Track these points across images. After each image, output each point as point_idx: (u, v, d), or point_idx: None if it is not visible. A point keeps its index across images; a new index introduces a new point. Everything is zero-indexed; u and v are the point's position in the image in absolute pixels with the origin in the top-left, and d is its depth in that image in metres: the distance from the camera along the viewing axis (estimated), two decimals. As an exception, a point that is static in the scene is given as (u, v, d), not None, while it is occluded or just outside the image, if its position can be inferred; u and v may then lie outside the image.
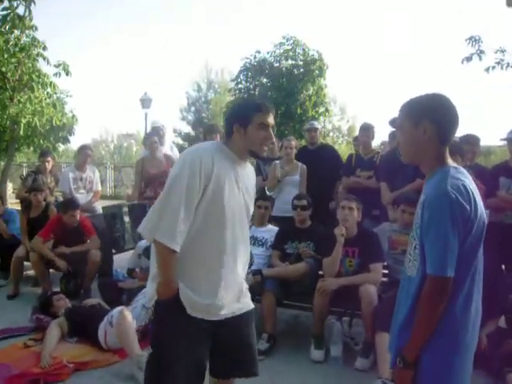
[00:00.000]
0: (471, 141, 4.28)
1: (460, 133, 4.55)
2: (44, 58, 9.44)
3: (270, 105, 2.19)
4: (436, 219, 1.57)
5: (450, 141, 1.70)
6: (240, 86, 16.38)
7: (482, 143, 4.63)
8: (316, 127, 5.94)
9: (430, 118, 1.65)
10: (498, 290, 4.14)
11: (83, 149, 5.90)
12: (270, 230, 4.38)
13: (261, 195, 4.78)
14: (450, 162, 1.70)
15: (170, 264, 2.02)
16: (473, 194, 1.60)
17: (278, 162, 5.34)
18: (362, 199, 3.98)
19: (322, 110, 15.56)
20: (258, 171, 5.78)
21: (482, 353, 3.23)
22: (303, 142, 15.94)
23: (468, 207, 1.57)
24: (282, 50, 15.87)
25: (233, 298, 2.17)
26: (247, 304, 2.27)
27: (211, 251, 2.09)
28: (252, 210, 2.30)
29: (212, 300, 2.08)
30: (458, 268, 1.57)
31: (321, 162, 5.39)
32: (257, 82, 16.26)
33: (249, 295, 2.32)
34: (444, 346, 1.62)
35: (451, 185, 1.58)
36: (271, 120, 2.15)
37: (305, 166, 5.30)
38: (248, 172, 2.26)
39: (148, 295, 2.30)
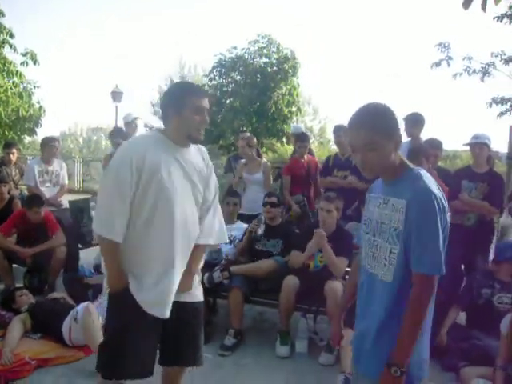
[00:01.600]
0: (434, 144, 4.41)
1: (426, 137, 4.69)
2: (10, 46, 9.18)
3: (203, 88, 2.19)
4: (428, 220, 1.59)
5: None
6: (213, 82, 16.31)
7: (449, 147, 4.78)
8: (302, 131, 6.36)
9: (398, 130, 1.70)
10: (457, 289, 4.29)
11: (50, 141, 5.74)
12: (239, 228, 4.40)
13: (229, 191, 4.80)
14: (410, 164, 1.74)
15: (112, 256, 2.11)
16: (442, 193, 1.66)
17: (242, 160, 5.39)
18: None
19: (294, 109, 15.65)
20: (230, 168, 5.81)
21: (439, 347, 3.36)
22: (273, 141, 16.08)
23: (445, 208, 1.63)
24: (256, 48, 15.88)
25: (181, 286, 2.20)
26: (196, 296, 2.31)
27: (159, 242, 2.09)
28: (202, 192, 2.25)
29: (159, 297, 2.10)
30: None
31: None
32: (230, 79, 16.22)
33: (200, 288, 2.36)
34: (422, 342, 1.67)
35: (431, 185, 1.62)
36: (206, 104, 2.14)
37: (268, 163, 5.42)
38: (193, 156, 2.21)
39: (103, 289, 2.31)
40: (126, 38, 68.07)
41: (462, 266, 4.43)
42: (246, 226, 4.40)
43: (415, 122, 4.72)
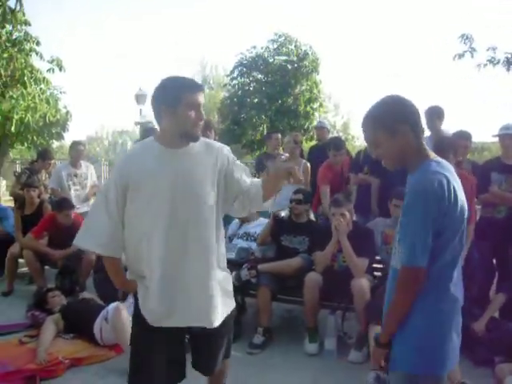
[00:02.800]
0: (464, 136, 4.31)
1: (455, 129, 4.60)
2: (37, 54, 9.40)
3: (198, 82, 2.06)
4: (411, 210, 1.62)
5: (422, 133, 1.74)
6: (235, 81, 16.38)
7: (476, 140, 4.67)
8: (325, 126, 6.25)
9: (402, 121, 1.67)
10: (490, 282, 4.20)
11: (75, 145, 5.88)
12: (262, 224, 4.41)
13: None
14: (432, 155, 1.73)
15: (114, 269, 2.12)
16: (453, 187, 1.63)
17: (282, 156, 5.38)
18: (367, 194, 4.24)
19: (316, 105, 15.58)
20: (262, 166, 5.83)
21: (472, 340, 3.29)
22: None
23: (446, 200, 1.59)
24: (275, 46, 15.89)
25: (195, 306, 2.04)
26: (220, 315, 2.11)
27: (156, 253, 1.99)
28: (208, 191, 2.04)
29: (161, 309, 2.02)
30: (433, 259, 1.61)
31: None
32: (251, 78, 16.26)
33: (230, 299, 2.20)
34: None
35: (430, 178, 1.61)
36: (202, 98, 1.99)
37: (308, 164, 5.32)
38: (195, 154, 2.04)
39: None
40: (133, 39, 68.68)
41: (494, 260, 4.34)
42: (267, 220, 4.41)
43: (435, 114, 4.64)
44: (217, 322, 2.08)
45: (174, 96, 1.93)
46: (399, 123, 1.67)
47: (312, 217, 4.76)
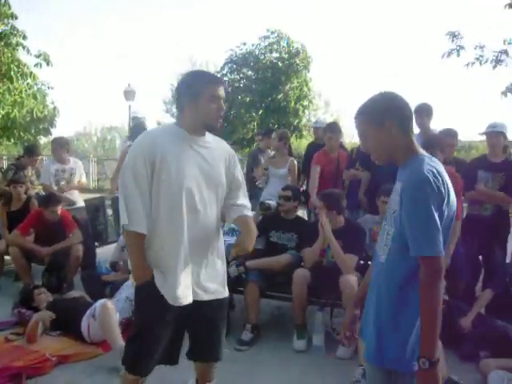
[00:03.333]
0: (450, 134, 4.34)
1: (441, 127, 4.63)
2: (24, 48, 9.29)
3: (218, 76, 2.17)
4: (421, 203, 1.58)
5: (411, 129, 1.76)
6: (225, 78, 16.32)
7: (464, 138, 4.71)
8: (317, 127, 6.06)
9: (389, 116, 1.71)
10: (476, 279, 4.24)
11: (52, 143, 5.88)
12: None
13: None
14: (421, 151, 1.75)
15: (137, 248, 2.12)
16: (446, 181, 1.64)
17: (270, 152, 5.42)
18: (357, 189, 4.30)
19: (306, 103, 15.60)
20: (256, 162, 5.85)
21: (458, 335, 3.33)
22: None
23: (443, 190, 1.61)
24: (266, 43, 15.86)
25: (204, 280, 2.19)
26: (222, 293, 2.30)
27: (171, 234, 2.10)
28: (223, 183, 2.22)
29: (177, 287, 2.10)
30: None
31: None
32: (242, 75, 16.23)
33: (224, 284, 2.34)
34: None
35: (427, 170, 1.62)
36: (222, 92, 2.12)
37: (295, 161, 5.34)
38: (212, 144, 2.20)
39: (130, 284, 2.34)
40: (128, 38, 68.29)
41: (480, 257, 4.39)
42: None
43: (423, 112, 4.66)
44: (208, 296, 2.21)
45: (197, 89, 2.07)
46: (386, 117, 1.71)
47: (301, 213, 4.76)
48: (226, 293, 2.34)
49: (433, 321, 1.55)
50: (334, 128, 5.02)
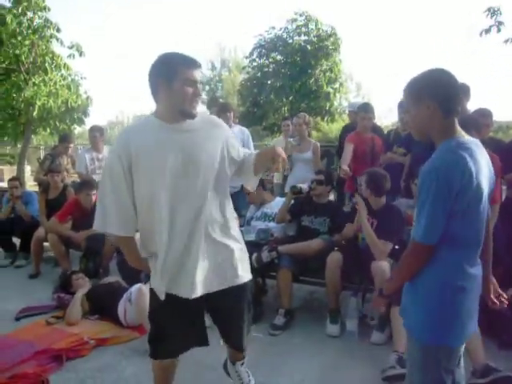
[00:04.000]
0: (484, 113, 4.16)
1: (477, 107, 4.46)
2: (57, 40, 9.46)
3: (195, 58, 1.99)
4: (423, 189, 1.64)
5: (454, 112, 1.71)
6: (254, 63, 16.23)
7: (502, 118, 4.53)
8: (352, 110, 5.90)
9: (428, 94, 1.69)
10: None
11: (91, 131, 5.99)
12: (278, 203, 4.40)
13: None
14: (460, 134, 1.71)
15: (128, 248, 2.15)
16: (470, 166, 1.61)
17: (291, 139, 5.35)
18: (396, 173, 4.11)
19: (336, 86, 15.35)
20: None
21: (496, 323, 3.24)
22: (318, 119, 15.85)
23: (458, 180, 1.59)
24: (294, 26, 15.64)
25: (203, 273, 2.06)
26: (239, 278, 2.17)
27: (157, 229, 2.01)
28: (214, 164, 2.05)
29: (168, 279, 2.05)
30: (448, 237, 1.65)
31: None
32: (271, 59, 16.09)
33: (245, 266, 2.21)
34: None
35: (444, 157, 1.63)
36: (199, 75, 1.97)
37: (318, 144, 5.29)
38: (196, 126, 2.03)
39: None
40: (158, 25, 68.38)
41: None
42: (283, 199, 4.40)
43: (461, 92, 4.49)
44: (217, 287, 2.12)
45: (171, 70, 1.92)
46: (426, 95, 1.70)
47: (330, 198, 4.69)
48: (242, 278, 2.18)
49: (397, 284, 1.86)
50: (366, 108, 4.90)
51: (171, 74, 1.91)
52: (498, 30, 7.32)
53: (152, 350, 2.24)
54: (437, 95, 1.68)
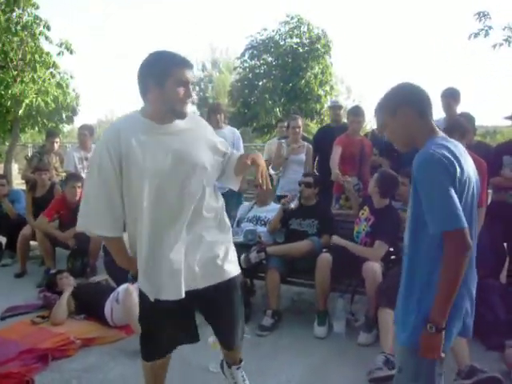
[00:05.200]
0: (467, 118, 4.20)
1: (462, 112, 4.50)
2: (47, 38, 9.38)
3: (187, 59, 1.96)
4: (429, 177, 1.60)
5: (429, 113, 1.76)
6: (245, 64, 16.23)
7: (489, 123, 4.58)
8: (340, 105, 5.93)
9: (402, 101, 1.76)
10: (500, 266, 4.16)
11: (80, 129, 5.97)
12: (273, 209, 4.39)
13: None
14: (440, 132, 1.76)
15: (114, 248, 2.12)
16: (459, 157, 1.64)
17: (283, 140, 5.35)
18: None
19: (327, 88, 15.42)
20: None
21: (483, 324, 3.27)
22: (308, 121, 15.89)
23: (453, 165, 1.59)
24: (287, 29, 15.68)
25: (190, 270, 2.04)
26: (226, 273, 2.13)
27: (145, 229, 1.97)
28: (205, 164, 2.04)
29: (159, 281, 2.01)
30: None
31: None
32: (262, 61, 16.11)
33: (232, 262, 2.18)
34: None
35: (434, 149, 1.63)
36: (191, 76, 1.95)
37: (311, 146, 5.31)
38: (184, 127, 2.02)
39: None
40: (146, 24, 68.26)
41: (505, 244, 4.30)
42: (278, 206, 4.39)
43: (450, 96, 4.54)
44: (203, 283, 2.09)
45: (163, 70, 1.88)
46: (399, 104, 1.75)
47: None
48: (230, 272, 2.15)
49: (450, 293, 1.58)
50: (357, 111, 4.94)
51: (163, 75, 1.88)
52: (486, 34, 7.40)
53: (144, 351, 2.22)
54: (410, 100, 1.75)
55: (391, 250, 3.82)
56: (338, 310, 3.64)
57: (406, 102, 1.75)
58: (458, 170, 1.61)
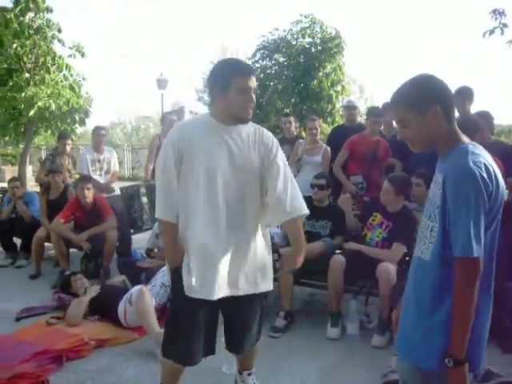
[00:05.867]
0: (485, 116, 4.14)
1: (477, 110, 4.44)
2: (59, 40, 9.46)
3: (249, 66, 2.14)
4: (462, 197, 1.48)
5: (454, 116, 1.63)
6: (257, 64, 16.22)
7: (504, 122, 4.51)
8: (355, 105, 5.89)
9: (435, 101, 1.57)
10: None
11: (96, 130, 5.94)
12: None
13: None
14: (465, 138, 1.63)
15: (168, 236, 2.18)
16: (493, 170, 1.54)
17: (301, 141, 5.33)
18: None
19: (339, 88, 15.33)
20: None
21: (500, 328, 3.22)
22: (320, 122, 15.84)
23: (490, 184, 1.50)
24: (298, 28, 15.62)
25: (234, 276, 2.14)
26: (258, 287, 2.24)
27: (198, 224, 2.09)
28: (256, 172, 2.16)
29: (202, 281, 2.08)
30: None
31: None
32: (273, 61, 16.07)
33: (267, 277, 2.28)
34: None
35: (473, 160, 1.50)
36: (252, 83, 2.07)
37: (329, 149, 5.26)
38: (245, 133, 2.15)
39: (165, 271, 2.37)
40: (159, 26, 68.49)
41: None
42: None
43: (463, 95, 4.48)
44: (242, 291, 2.18)
45: (225, 80, 2.04)
46: (430, 102, 1.57)
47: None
48: (266, 286, 2.28)
49: (465, 323, 1.50)
50: (377, 112, 4.97)
51: (226, 83, 2.04)
52: (502, 32, 7.29)
53: (172, 350, 2.24)
54: (439, 99, 1.58)
55: (406, 251, 3.78)
56: (351, 312, 3.62)
57: (438, 101, 1.58)
58: (495, 184, 1.52)
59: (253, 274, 2.19)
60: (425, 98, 1.58)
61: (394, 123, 4.75)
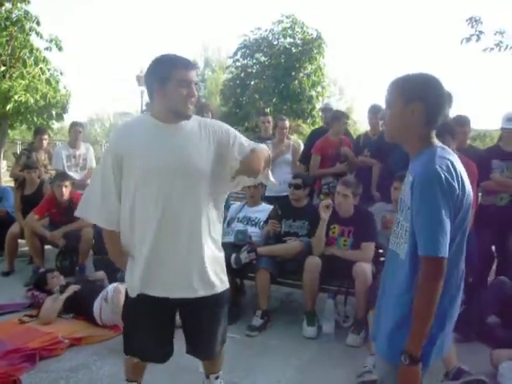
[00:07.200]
0: (461, 121, 4.24)
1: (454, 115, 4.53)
2: (37, 33, 9.27)
3: (189, 59, 2.00)
4: (427, 198, 1.52)
5: (436, 123, 1.66)
6: (237, 63, 16.20)
7: (479, 127, 4.62)
8: (331, 107, 6.02)
9: (420, 98, 1.60)
10: (487, 270, 4.20)
11: (73, 125, 5.87)
12: (264, 210, 4.39)
13: None
14: (436, 142, 1.67)
15: (110, 240, 2.16)
16: (460, 173, 1.58)
17: (269, 141, 5.34)
18: (367, 178, 4.25)
19: (319, 89, 15.44)
20: None
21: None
22: (300, 122, 15.93)
23: (456, 186, 1.54)
24: (280, 28, 15.67)
25: (182, 277, 2.04)
26: (215, 288, 2.11)
27: (140, 226, 2.02)
28: (204, 169, 2.01)
29: (142, 280, 2.04)
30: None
31: None
32: (254, 60, 16.08)
33: (221, 276, 2.16)
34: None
35: (439, 164, 1.54)
36: (193, 76, 1.98)
37: (296, 144, 5.40)
38: (189, 129, 2.02)
39: None
40: (140, 22, 67.95)
41: (493, 247, 4.34)
42: (270, 207, 4.38)
43: None
44: (201, 292, 2.07)
45: (165, 73, 1.94)
46: (416, 99, 1.60)
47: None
48: (222, 287, 2.15)
49: (424, 322, 1.53)
50: (340, 117, 5.16)
51: (165, 76, 1.93)
52: (478, 39, 7.47)
53: (124, 345, 2.23)
54: (427, 102, 1.61)
55: (381, 251, 3.84)
56: (327, 311, 3.66)
57: (423, 98, 1.60)
58: (461, 186, 1.56)
59: (209, 276, 2.08)
60: (414, 91, 1.62)
61: (380, 125, 4.91)
